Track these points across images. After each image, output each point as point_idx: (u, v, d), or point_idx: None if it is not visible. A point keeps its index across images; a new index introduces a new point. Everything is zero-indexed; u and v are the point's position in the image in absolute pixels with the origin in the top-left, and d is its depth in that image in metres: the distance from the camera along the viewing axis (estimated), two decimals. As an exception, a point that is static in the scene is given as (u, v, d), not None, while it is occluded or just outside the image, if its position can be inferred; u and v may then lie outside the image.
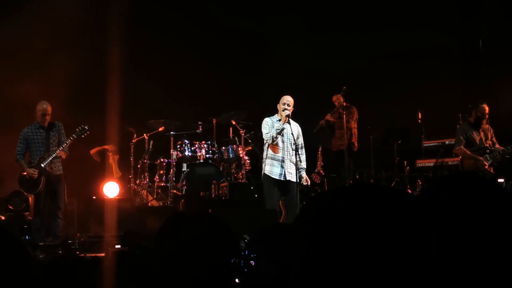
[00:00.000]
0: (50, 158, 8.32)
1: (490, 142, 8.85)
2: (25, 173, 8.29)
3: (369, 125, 11.07)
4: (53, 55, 10.54)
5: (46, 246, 7.80)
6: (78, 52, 10.89)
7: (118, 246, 5.71)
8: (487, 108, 8.87)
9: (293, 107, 7.86)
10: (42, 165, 8.30)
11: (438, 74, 11.77)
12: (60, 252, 7.41)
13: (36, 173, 8.27)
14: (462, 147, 8.78)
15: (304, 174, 7.88)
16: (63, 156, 8.49)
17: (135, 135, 10.84)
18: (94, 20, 10.93)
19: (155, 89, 11.67)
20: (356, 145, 10.76)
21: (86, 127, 8.50)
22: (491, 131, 8.95)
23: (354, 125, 10.72)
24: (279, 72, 11.99)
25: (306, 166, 8.01)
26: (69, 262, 2.49)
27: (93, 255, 6.05)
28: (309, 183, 8.06)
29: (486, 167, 8.56)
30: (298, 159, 7.75)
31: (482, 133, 8.87)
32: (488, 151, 8.69)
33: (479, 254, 2.27)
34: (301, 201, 8.44)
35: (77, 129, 8.49)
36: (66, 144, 8.38)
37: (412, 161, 10.79)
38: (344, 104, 10.84)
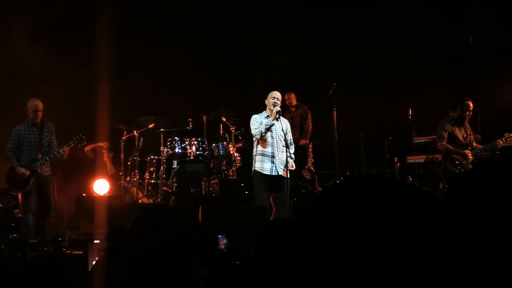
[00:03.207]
0: (43, 161, 8.34)
1: (469, 139, 8.87)
2: (18, 171, 8.28)
3: (359, 121, 11.06)
4: (41, 53, 10.51)
5: (36, 244, 7.79)
6: (67, 49, 10.86)
7: (97, 241, 5.69)
8: (471, 105, 8.88)
9: (281, 102, 7.88)
10: (34, 166, 8.30)
11: (428, 71, 11.78)
12: (50, 249, 7.39)
13: (27, 173, 8.26)
14: (445, 143, 8.78)
15: (290, 160, 7.85)
16: (65, 156, 8.54)
17: (125, 132, 10.80)
18: (83, 17, 10.88)
19: (145, 86, 11.63)
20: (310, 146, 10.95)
21: (83, 137, 8.58)
22: (469, 127, 8.98)
23: (310, 125, 11.01)
24: (268, 69, 11.96)
25: (298, 164, 8.02)
26: (53, 259, 2.47)
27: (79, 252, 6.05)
28: (294, 167, 8.02)
29: (470, 158, 8.56)
30: (288, 155, 7.74)
31: (463, 130, 8.88)
32: (469, 147, 8.71)
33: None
34: (292, 198, 8.44)
35: (74, 138, 8.57)
36: (64, 150, 8.41)
37: (402, 157, 10.77)
38: (294, 103, 11.00)
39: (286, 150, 7.74)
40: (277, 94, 7.87)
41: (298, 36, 12.34)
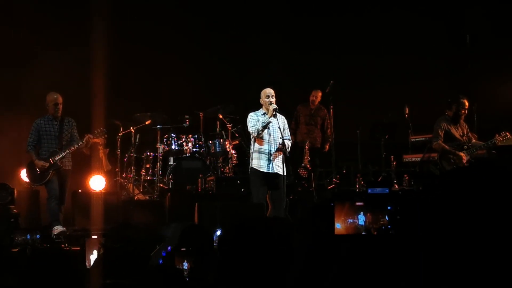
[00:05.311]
0: (63, 154, 8.31)
1: (466, 137, 8.85)
2: (37, 164, 8.25)
3: (356, 119, 11.08)
4: (37, 49, 10.48)
5: (24, 229, 7.75)
6: (63, 46, 10.83)
7: (95, 237, 5.66)
8: (467, 103, 8.88)
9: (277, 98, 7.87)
10: (54, 159, 8.27)
11: (425, 69, 11.80)
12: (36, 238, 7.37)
13: (46, 165, 8.23)
14: (440, 142, 8.76)
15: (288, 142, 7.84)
16: (89, 144, 8.59)
17: (121, 128, 10.76)
18: (79, 12, 10.85)
19: (142, 82, 11.60)
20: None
21: (105, 130, 8.65)
22: (466, 126, 8.97)
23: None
24: (264, 66, 11.94)
25: (294, 161, 8.00)
26: (53, 254, 2.45)
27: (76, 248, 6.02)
28: (288, 149, 7.92)
29: (464, 162, 8.56)
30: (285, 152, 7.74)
31: (459, 128, 8.87)
32: (465, 147, 8.70)
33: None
34: (288, 195, 8.43)
35: (95, 131, 8.57)
36: (83, 143, 8.39)
37: (399, 155, 10.79)
38: (317, 103, 10.96)
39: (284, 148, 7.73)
40: (270, 92, 7.84)
41: (298, 36, 12.36)
